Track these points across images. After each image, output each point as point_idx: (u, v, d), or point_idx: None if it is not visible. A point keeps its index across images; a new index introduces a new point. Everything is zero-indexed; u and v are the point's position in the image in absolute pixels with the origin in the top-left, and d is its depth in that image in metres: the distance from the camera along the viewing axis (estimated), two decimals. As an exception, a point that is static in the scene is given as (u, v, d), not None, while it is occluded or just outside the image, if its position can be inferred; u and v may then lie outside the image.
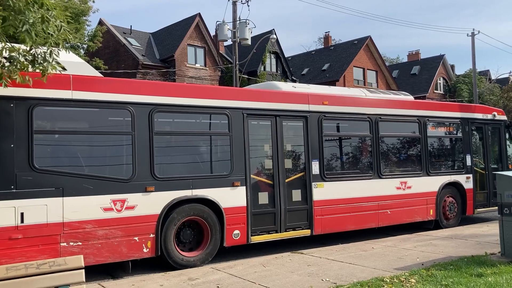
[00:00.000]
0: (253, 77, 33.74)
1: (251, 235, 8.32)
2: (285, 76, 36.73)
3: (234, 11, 25.87)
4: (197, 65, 32.35)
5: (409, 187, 10.60)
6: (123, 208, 7.12)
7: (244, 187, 8.28)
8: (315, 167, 9.22)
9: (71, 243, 6.68)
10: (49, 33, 5.42)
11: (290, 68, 38.11)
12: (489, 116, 12.64)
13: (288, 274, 6.71)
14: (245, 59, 27.42)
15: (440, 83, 49.73)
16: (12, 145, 6.37)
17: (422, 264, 7.01)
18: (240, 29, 25.06)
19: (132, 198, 7.17)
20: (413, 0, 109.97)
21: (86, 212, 6.80)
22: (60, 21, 5.34)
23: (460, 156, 11.93)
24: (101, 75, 7.81)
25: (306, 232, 9.02)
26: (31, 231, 6.38)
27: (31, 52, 5.51)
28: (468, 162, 11.86)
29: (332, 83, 40.22)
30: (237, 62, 25.91)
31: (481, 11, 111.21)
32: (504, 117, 13.08)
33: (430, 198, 10.96)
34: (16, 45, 5.56)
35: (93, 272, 7.00)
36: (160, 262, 7.58)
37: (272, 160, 8.81)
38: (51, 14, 5.19)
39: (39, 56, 5.54)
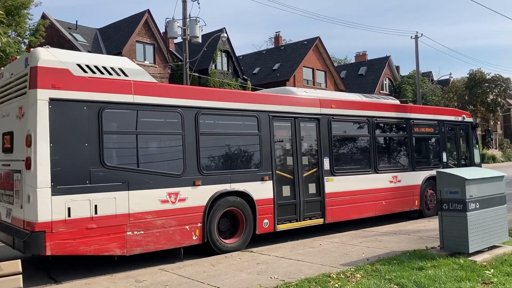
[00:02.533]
0: (204, 75, 33.50)
1: (277, 224, 9.35)
2: (236, 75, 36.75)
3: (184, 9, 25.57)
4: (146, 62, 31.72)
5: (399, 181, 11.87)
6: (177, 200, 7.94)
7: (271, 181, 9.29)
8: (326, 163, 10.36)
9: (135, 232, 7.43)
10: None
11: (241, 67, 38.16)
12: (459, 118, 14.21)
13: (237, 273, 6.71)
14: (195, 57, 27.19)
15: (385, 83, 51.46)
16: (86, 144, 7.05)
17: (367, 260, 7.22)
18: (191, 26, 24.81)
19: (183, 191, 8.01)
20: (360, 3, 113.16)
21: (147, 204, 7.55)
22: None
23: (438, 153, 13.39)
24: (156, 81, 8.61)
25: (320, 221, 10.12)
26: (103, 221, 7.07)
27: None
28: (444, 159, 13.36)
29: (283, 83, 40.66)
30: (188, 60, 25.63)
31: (424, 15, 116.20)
32: (471, 119, 14.76)
33: (415, 190, 12.38)
34: None
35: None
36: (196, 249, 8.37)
37: (292, 157, 9.85)
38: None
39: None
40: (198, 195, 8.18)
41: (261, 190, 9.10)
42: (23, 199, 6.81)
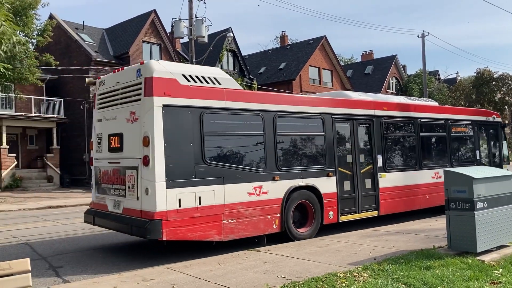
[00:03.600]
0: (210, 75, 33.52)
1: (340, 216, 10.33)
2: (242, 74, 36.78)
3: (191, 8, 25.61)
4: (153, 62, 31.79)
5: (440, 177, 12.28)
6: (261, 193, 8.96)
7: (335, 177, 10.28)
8: (379, 161, 11.33)
9: (229, 221, 8.43)
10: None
11: (247, 67, 38.19)
12: (490, 119, 15.14)
13: (244, 272, 6.72)
14: (202, 57, 27.23)
15: (392, 82, 51.27)
16: (191, 144, 8.09)
17: (375, 259, 7.20)
18: (197, 26, 24.85)
19: (265, 185, 9.02)
20: (366, 1, 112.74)
21: (238, 196, 8.58)
22: (1, 21, 5.10)
23: (472, 151, 14.37)
24: (242, 88, 9.75)
25: (375, 213, 11.09)
26: (205, 211, 8.09)
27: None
28: (478, 156, 14.34)
29: (289, 82, 40.66)
30: (194, 60, 25.67)
31: (430, 13, 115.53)
32: (500, 119, 15.57)
33: None
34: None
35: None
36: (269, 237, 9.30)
37: (351, 155, 10.84)
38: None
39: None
40: (277, 189, 9.21)
41: (326, 185, 10.09)
42: (140, 192, 7.86)
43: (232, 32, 32.33)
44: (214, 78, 8.74)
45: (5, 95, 27.06)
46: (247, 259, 7.54)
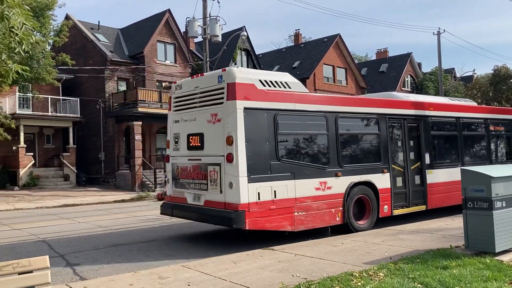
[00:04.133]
0: (224, 74, 33.56)
1: (393, 209, 11.05)
2: (256, 73, 36.76)
3: (205, 8, 25.67)
4: (167, 62, 31.98)
5: None
6: (325, 188, 9.69)
7: (389, 173, 11.02)
8: (427, 158, 12.01)
9: (300, 213, 9.20)
10: (11, 30, 5.23)
11: (261, 66, 38.15)
12: None
13: (259, 270, 6.72)
14: (215, 56, 27.29)
15: (407, 80, 50.79)
16: (267, 143, 8.92)
17: (390, 258, 7.15)
18: (211, 26, 24.90)
19: (329, 180, 9.77)
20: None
21: (306, 191, 9.34)
22: (21, 20, 5.16)
23: (509, 148, 14.98)
24: (308, 91, 10.40)
25: (423, 207, 11.79)
26: (280, 204, 8.89)
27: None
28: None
29: (303, 80, 40.46)
30: (208, 59, 25.74)
31: (446, 10, 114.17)
32: None
33: None
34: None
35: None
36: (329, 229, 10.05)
37: (403, 152, 11.56)
38: (11, 11, 5.00)
39: (3, 53, 5.34)
40: (339, 184, 9.95)
41: (382, 180, 10.81)
42: (223, 186, 8.70)
43: (246, 31, 32.35)
44: (285, 82, 9.65)
45: (23, 95, 27.45)
46: (262, 258, 7.54)
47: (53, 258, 8.42)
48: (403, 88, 48.80)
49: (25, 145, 26.88)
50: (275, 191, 8.84)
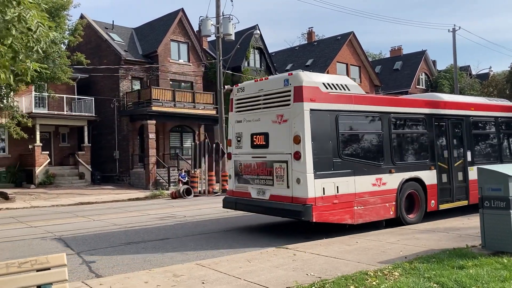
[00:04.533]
0: (237, 73, 33.64)
1: (439, 204, 11.62)
2: (268, 71, 36.72)
3: (218, 6, 25.73)
4: (181, 61, 32.11)
5: None
6: (381, 183, 10.32)
7: (435, 170, 11.60)
8: (469, 155, 12.53)
9: (358, 207, 9.86)
10: (29, 30, 5.29)
11: (274, 64, 38.11)
12: None
13: (273, 269, 6.72)
14: (228, 55, 27.32)
15: (422, 78, 50.27)
16: (330, 142, 9.57)
17: (405, 258, 7.09)
18: (224, 24, 24.94)
19: (384, 177, 10.39)
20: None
21: (364, 186, 9.98)
22: (38, 21, 5.22)
23: None
24: (364, 93, 11.33)
25: (465, 202, 12.27)
26: (342, 198, 9.55)
27: (10, 49, 5.37)
28: None
29: (316, 78, 40.19)
30: (221, 58, 25.80)
31: (461, 7, 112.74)
32: None
33: None
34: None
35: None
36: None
37: (447, 150, 12.12)
38: (28, 13, 5.07)
39: (21, 53, 5.41)
40: (393, 180, 10.55)
41: (429, 177, 11.39)
42: (290, 181, 9.36)
43: (259, 29, 32.31)
44: (345, 85, 10.26)
45: (39, 94, 27.80)
46: (276, 257, 7.54)
47: (69, 255, 8.52)
48: (417, 86, 48.32)
49: (41, 144, 27.24)
50: (337, 187, 9.50)
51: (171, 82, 31.39)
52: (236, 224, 12.25)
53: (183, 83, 32.36)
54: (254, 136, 10.40)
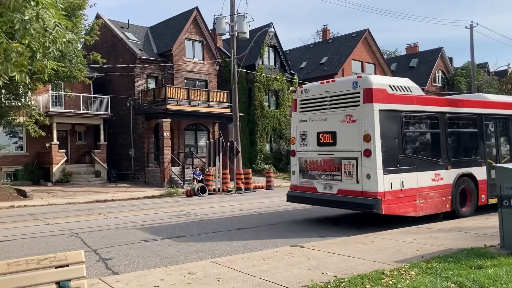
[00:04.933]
0: (251, 71, 33.63)
1: (489, 198, 12.16)
2: (283, 69, 36.64)
3: (232, 5, 25.74)
4: (195, 59, 32.21)
5: None
6: (439, 179, 11.08)
7: (485, 166, 12.28)
8: None
9: (420, 201, 10.62)
10: (46, 30, 5.35)
11: (288, 62, 37.99)
12: None
13: (288, 267, 6.71)
14: (243, 53, 27.32)
15: (438, 75, 49.67)
16: (396, 140, 10.41)
17: (422, 257, 7.02)
18: (238, 22, 24.95)
19: (441, 173, 11.18)
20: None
21: (425, 181, 10.75)
22: (56, 21, 5.28)
23: None
24: (424, 94, 11.94)
25: None
26: (406, 193, 10.34)
27: (28, 49, 5.43)
28: None
29: (331, 76, 40.08)
30: (235, 56, 25.82)
31: (478, 3, 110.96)
32: None
33: None
34: (13, 43, 5.47)
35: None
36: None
37: (495, 148, 12.85)
38: (45, 12, 5.12)
39: (38, 52, 5.47)
40: (449, 176, 11.31)
41: (480, 173, 12.10)
42: (360, 177, 10.13)
43: (273, 27, 32.21)
44: (408, 87, 10.97)
45: (55, 93, 28.15)
46: (291, 255, 7.53)
47: (86, 252, 8.60)
48: (433, 84, 47.78)
49: (58, 142, 27.58)
50: (402, 182, 10.27)
51: (185, 81, 31.52)
52: (251, 222, 12.26)
53: (197, 82, 32.47)
54: (321, 135, 11.17)
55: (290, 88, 12.13)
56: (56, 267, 3.65)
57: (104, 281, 6.25)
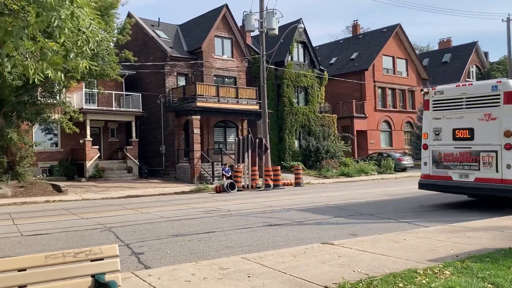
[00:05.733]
0: (280, 68, 33.54)
1: None
2: (312, 66, 36.40)
3: (261, 1, 25.71)
4: (224, 56, 32.36)
5: None
6: None
7: None
8: None
9: None
10: (79, 29, 5.45)
11: (317, 58, 37.73)
12: None
13: (318, 265, 6.66)
14: (272, 49, 27.29)
15: (472, 71, 48.40)
16: None
17: (457, 256, 6.84)
18: (267, 19, 24.90)
19: None
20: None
21: None
22: (90, 19, 5.38)
23: None
24: None
25: None
26: None
27: (63, 47, 5.55)
28: None
29: (361, 72, 39.69)
30: (264, 53, 25.79)
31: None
32: None
33: None
34: (49, 41, 5.61)
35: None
36: None
37: None
38: (80, 11, 5.22)
39: (72, 51, 5.58)
40: None
41: None
42: (500, 167, 11.73)
43: (303, 23, 32.04)
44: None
45: (89, 91, 28.83)
46: (321, 252, 7.47)
47: (119, 246, 8.78)
48: (467, 79, 46.54)
49: (91, 139, 28.26)
50: None
51: (215, 78, 31.72)
52: (280, 219, 12.25)
53: (226, 79, 32.62)
54: (457, 131, 12.72)
55: (423, 89, 14.05)
56: (92, 261, 3.74)
57: (136, 275, 6.35)
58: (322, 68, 38.01)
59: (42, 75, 5.60)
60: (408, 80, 42.68)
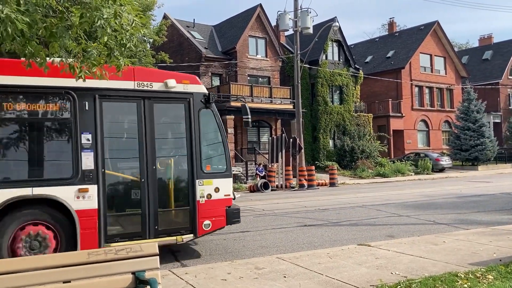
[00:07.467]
0: (314, 66, 33.33)
1: None
2: (347, 64, 35.98)
3: (296, 0, 25.60)
4: (258, 56, 32.43)
5: None
6: None
7: None
8: None
9: None
10: (122, 27, 5.55)
11: (353, 56, 37.26)
12: None
13: (355, 266, 6.58)
14: (306, 49, 27.14)
15: (515, 68, 46.62)
16: None
17: (500, 260, 6.61)
18: (302, 18, 24.79)
19: None
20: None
21: None
22: (133, 16, 5.48)
23: None
24: None
25: None
26: None
27: (107, 46, 5.67)
28: None
29: (398, 70, 38.96)
30: (299, 52, 25.69)
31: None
32: None
33: None
34: (90, 43, 5.74)
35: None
36: None
37: None
38: (123, 9, 5.32)
39: (115, 49, 5.68)
40: None
41: None
42: None
43: (338, 22, 31.69)
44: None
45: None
46: (358, 254, 7.37)
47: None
48: (509, 77, 44.94)
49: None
50: None
51: (248, 78, 31.83)
52: (316, 219, 12.18)
53: (260, 78, 32.68)
54: None
55: None
56: (132, 258, 3.81)
57: (174, 273, 6.46)
58: (357, 66, 37.52)
59: (88, 72, 5.73)
60: (446, 79, 41.60)
